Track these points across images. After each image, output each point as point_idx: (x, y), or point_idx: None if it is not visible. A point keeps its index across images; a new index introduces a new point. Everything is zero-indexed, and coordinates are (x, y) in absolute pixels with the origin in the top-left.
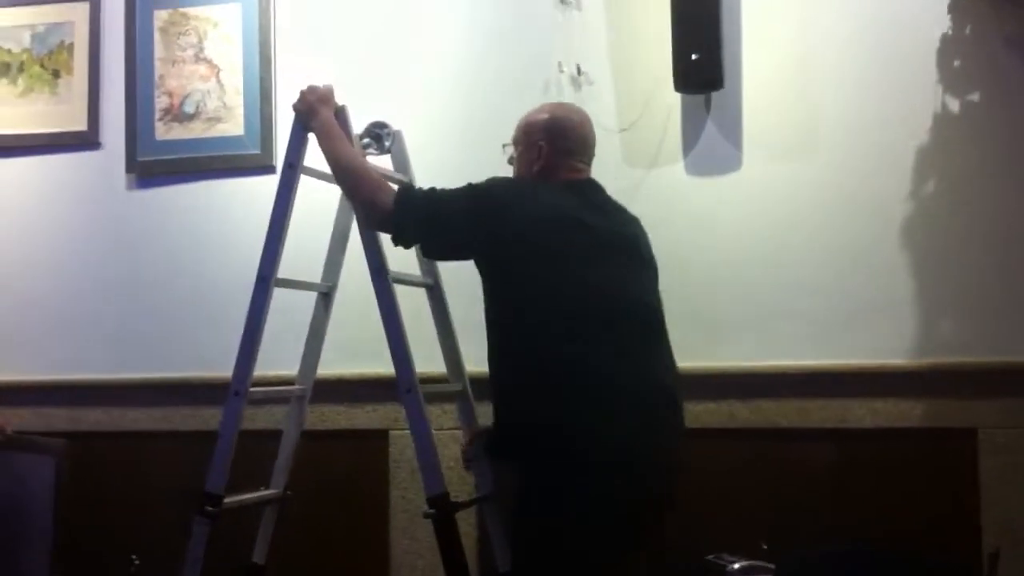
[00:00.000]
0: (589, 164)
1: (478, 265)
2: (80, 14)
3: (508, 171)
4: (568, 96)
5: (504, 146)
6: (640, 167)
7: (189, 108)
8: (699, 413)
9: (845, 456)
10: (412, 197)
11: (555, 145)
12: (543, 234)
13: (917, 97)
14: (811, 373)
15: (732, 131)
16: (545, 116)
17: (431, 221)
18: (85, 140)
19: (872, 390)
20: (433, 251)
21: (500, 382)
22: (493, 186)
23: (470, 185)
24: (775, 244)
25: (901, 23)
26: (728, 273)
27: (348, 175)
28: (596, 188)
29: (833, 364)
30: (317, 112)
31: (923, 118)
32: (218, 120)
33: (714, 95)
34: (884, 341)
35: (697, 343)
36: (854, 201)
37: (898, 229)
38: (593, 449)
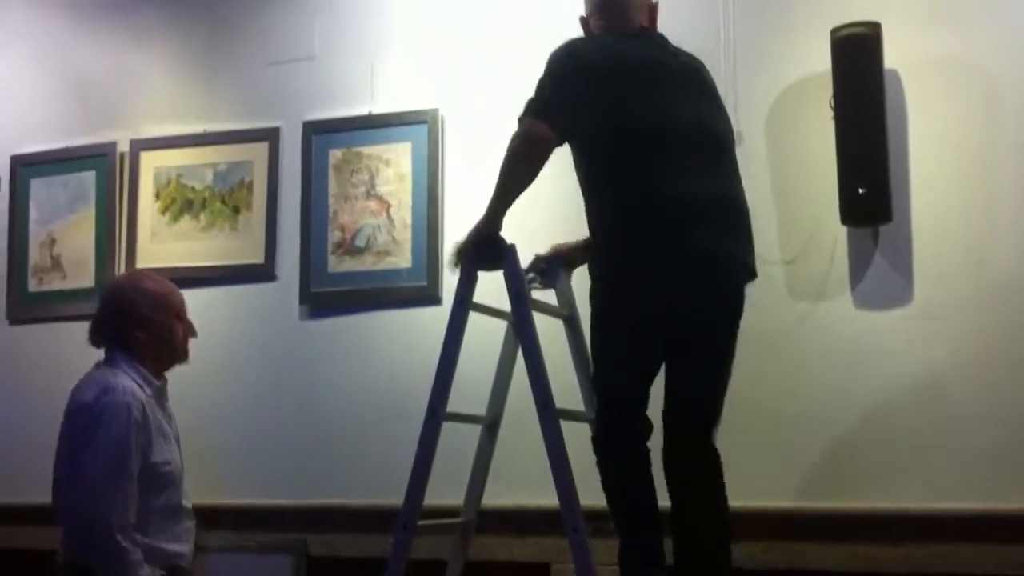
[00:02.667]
0: (643, 16)
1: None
2: (259, 153)
3: None
4: None
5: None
6: (806, 300)
7: (360, 242)
8: (871, 554)
9: None
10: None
11: (600, 13)
12: (608, 73)
13: None
14: (991, 516)
15: (902, 264)
16: None
17: (539, 102)
18: (262, 273)
19: None
20: (559, 120)
21: (593, 221)
22: (560, 51)
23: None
24: (951, 379)
25: None
26: (902, 408)
27: (508, 169)
28: (653, 33)
29: (1015, 507)
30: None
31: None
32: (387, 253)
33: (882, 227)
34: None
35: (868, 481)
36: None
37: None
38: (673, 247)
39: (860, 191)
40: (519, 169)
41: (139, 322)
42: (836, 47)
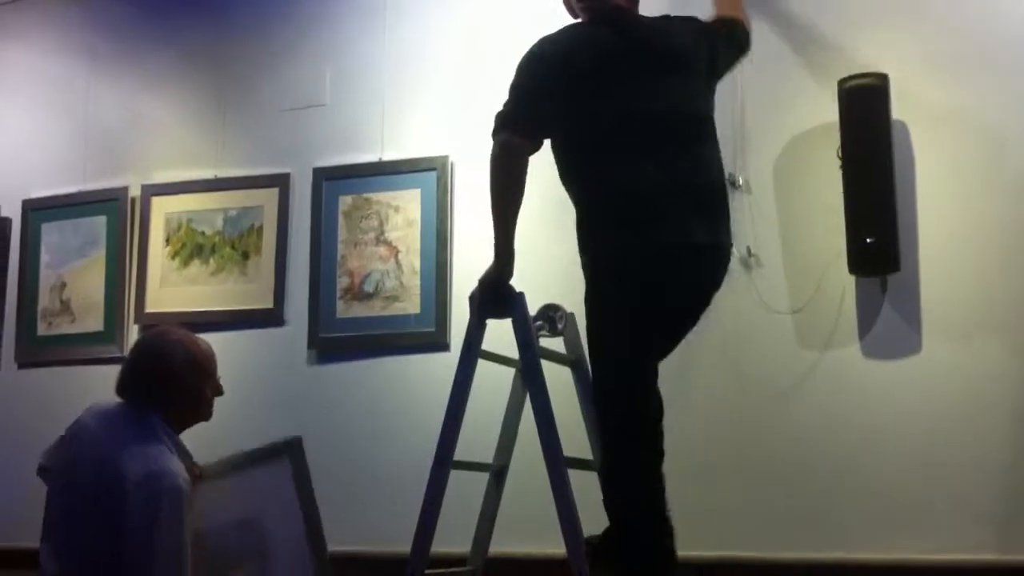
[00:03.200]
0: None
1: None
2: (270, 199)
3: None
4: (739, 276)
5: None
6: (814, 349)
7: (368, 287)
8: None
9: None
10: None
11: None
12: (576, 68)
13: None
14: (1001, 568)
15: (910, 313)
16: None
17: (504, 116)
18: (271, 318)
19: None
20: (528, 126)
21: (577, 215)
22: (526, 55)
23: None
24: (960, 429)
25: None
26: (909, 459)
27: (494, 190)
28: (630, 13)
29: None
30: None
31: None
32: (396, 299)
33: (890, 277)
34: None
35: (875, 531)
36: None
37: None
38: (659, 244)
39: (868, 241)
40: (501, 185)
41: (175, 385)
42: (843, 98)
